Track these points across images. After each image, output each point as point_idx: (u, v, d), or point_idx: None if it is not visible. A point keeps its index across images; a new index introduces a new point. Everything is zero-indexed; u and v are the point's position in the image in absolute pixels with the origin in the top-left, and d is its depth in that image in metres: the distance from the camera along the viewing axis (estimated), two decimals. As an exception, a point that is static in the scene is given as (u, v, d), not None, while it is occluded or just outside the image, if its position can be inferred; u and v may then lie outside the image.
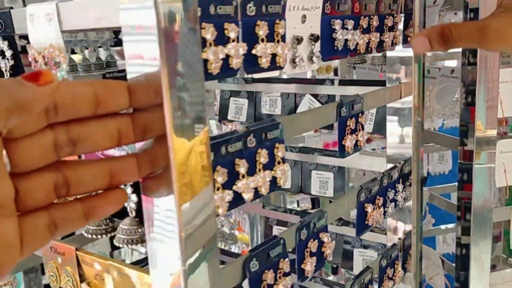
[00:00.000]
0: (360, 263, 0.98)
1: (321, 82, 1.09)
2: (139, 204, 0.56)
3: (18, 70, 0.57)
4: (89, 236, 0.63)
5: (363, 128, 0.67)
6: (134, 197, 0.54)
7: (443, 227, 1.26)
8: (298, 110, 1.07)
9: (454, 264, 1.02)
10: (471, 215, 0.88)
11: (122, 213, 0.53)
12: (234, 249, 1.30)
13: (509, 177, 0.90)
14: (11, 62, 0.57)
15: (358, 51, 0.64)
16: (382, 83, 0.85)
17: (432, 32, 0.60)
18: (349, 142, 0.64)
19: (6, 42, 0.56)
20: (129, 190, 0.54)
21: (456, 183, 0.95)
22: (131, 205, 0.56)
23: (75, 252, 0.57)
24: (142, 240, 0.56)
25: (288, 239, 0.55)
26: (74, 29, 0.54)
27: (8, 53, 0.56)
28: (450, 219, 1.18)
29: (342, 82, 1.07)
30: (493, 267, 1.25)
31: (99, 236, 0.62)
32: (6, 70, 0.58)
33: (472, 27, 0.58)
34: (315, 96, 1.03)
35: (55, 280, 0.61)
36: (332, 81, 1.01)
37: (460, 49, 0.92)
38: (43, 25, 0.53)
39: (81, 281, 0.57)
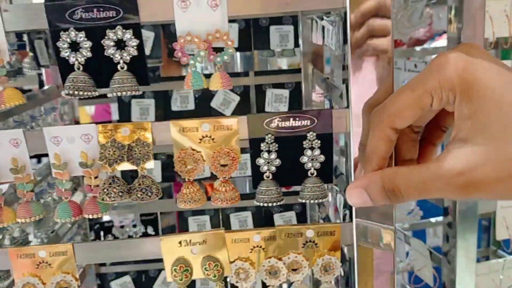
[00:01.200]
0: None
1: (237, 74, 1.22)
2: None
3: (141, 61, 0.56)
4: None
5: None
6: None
7: (433, 220, 1.38)
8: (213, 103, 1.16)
9: (441, 256, 1.07)
10: (457, 207, 0.91)
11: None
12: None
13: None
14: (134, 53, 0.55)
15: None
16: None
17: (370, 184, 0.45)
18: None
19: (129, 31, 0.54)
20: (317, 152, 0.57)
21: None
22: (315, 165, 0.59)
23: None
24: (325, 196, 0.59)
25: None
26: (235, 16, 0.55)
27: (132, 43, 0.54)
28: (438, 212, 1.29)
29: (258, 73, 1.20)
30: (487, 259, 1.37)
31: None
32: (122, 62, 0.55)
33: (429, 176, 0.41)
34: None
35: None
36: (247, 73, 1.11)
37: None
38: (203, 11, 0.53)
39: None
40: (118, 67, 0.55)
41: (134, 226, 1.30)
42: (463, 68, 0.40)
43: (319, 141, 0.57)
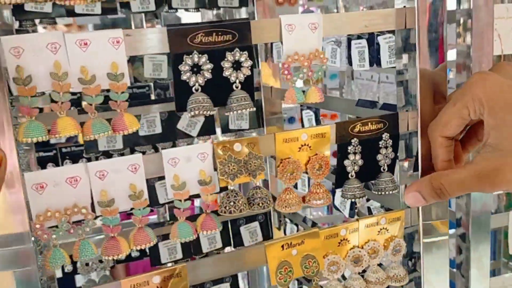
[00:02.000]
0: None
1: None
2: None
3: (251, 81, 0.61)
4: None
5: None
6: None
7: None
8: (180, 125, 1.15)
9: (455, 269, 1.01)
10: (470, 219, 0.89)
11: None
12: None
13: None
14: (248, 73, 0.60)
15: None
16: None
17: (422, 186, 0.58)
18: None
19: (245, 53, 0.59)
20: (389, 150, 0.66)
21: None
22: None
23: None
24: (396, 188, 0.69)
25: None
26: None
27: (247, 63, 0.59)
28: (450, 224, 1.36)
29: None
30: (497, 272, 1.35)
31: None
32: (237, 82, 0.60)
33: (465, 175, 0.55)
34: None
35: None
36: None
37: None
38: (305, 33, 0.61)
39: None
40: (233, 86, 0.59)
41: (100, 261, 1.22)
42: (490, 86, 0.55)
43: (391, 141, 0.68)
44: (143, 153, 1.12)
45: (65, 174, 0.53)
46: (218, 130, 1.29)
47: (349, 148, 0.67)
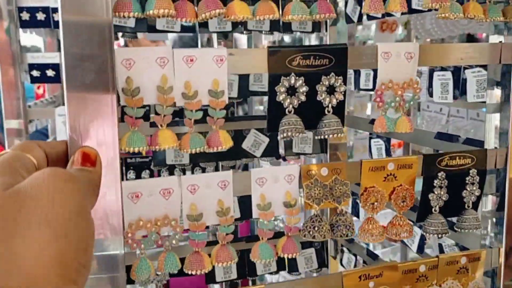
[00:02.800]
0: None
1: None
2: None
3: (343, 106, 0.60)
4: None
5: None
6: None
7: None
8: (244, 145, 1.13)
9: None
10: None
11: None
12: None
13: None
14: (340, 98, 0.59)
15: None
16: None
17: None
18: None
19: (340, 78, 0.59)
20: (476, 186, 0.64)
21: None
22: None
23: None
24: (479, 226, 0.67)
25: None
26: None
27: (341, 88, 0.59)
28: None
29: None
30: None
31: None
32: (330, 106, 0.59)
33: None
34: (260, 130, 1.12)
35: None
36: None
37: None
38: (401, 62, 0.60)
39: None
40: (326, 110, 0.59)
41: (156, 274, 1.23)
42: None
43: (478, 177, 0.66)
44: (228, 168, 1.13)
45: (160, 185, 0.54)
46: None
47: (435, 181, 0.65)
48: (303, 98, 0.58)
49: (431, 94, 0.85)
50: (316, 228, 0.58)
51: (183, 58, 0.52)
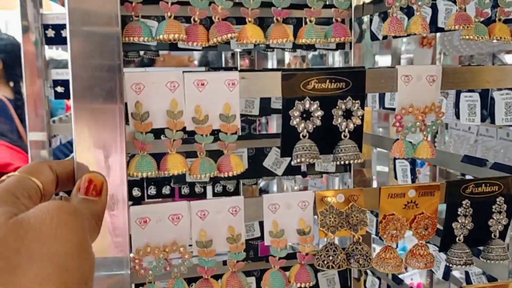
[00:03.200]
0: None
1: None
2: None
3: (361, 130, 0.58)
4: None
5: None
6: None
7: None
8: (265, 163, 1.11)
9: None
10: None
11: None
12: None
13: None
14: (357, 123, 0.57)
15: None
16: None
17: None
18: None
19: (357, 102, 0.57)
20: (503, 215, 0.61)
21: None
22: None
23: None
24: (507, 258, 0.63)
25: None
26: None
27: (358, 113, 0.57)
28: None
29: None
30: None
31: None
32: (347, 131, 0.57)
33: None
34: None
35: None
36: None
37: None
38: (422, 86, 0.57)
39: None
40: (342, 135, 0.57)
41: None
42: None
43: (505, 205, 0.63)
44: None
45: (169, 210, 0.53)
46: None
47: (460, 210, 0.61)
48: (318, 122, 0.56)
49: (457, 115, 0.81)
50: (331, 258, 0.56)
51: (194, 82, 0.52)
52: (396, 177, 1.05)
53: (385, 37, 1.02)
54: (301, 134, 0.56)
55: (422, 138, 0.60)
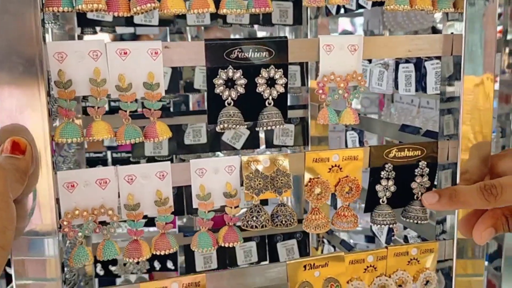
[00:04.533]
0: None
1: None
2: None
3: (285, 98, 0.61)
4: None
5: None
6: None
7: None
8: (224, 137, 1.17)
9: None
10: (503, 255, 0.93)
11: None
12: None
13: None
14: (281, 91, 0.60)
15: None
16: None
17: (443, 191, 0.62)
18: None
19: (280, 70, 0.59)
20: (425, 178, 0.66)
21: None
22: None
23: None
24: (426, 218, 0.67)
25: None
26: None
27: (281, 81, 0.59)
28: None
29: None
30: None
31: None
32: (270, 98, 0.60)
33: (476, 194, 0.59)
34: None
35: None
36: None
37: None
38: (343, 55, 0.60)
39: None
40: (266, 103, 0.59)
41: (137, 263, 1.26)
42: None
43: (428, 169, 0.66)
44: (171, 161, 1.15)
45: (96, 175, 0.55)
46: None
47: (382, 173, 0.65)
48: (242, 90, 0.58)
49: (397, 86, 0.84)
50: (254, 218, 0.59)
51: (117, 51, 0.54)
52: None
53: (337, 13, 1.04)
54: (226, 102, 0.58)
55: (346, 105, 0.63)
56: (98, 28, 1.12)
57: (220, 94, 0.58)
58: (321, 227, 0.63)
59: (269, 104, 0.59)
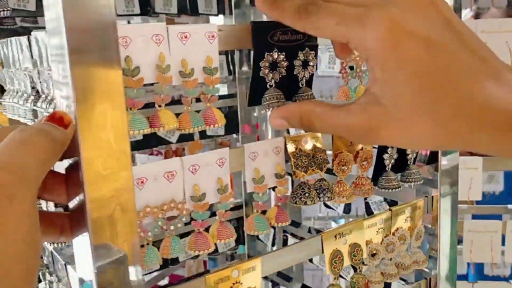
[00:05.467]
0: None
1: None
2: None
3: (312, 79, 0.64)
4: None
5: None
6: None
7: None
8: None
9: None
10: None
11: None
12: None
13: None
14: (312, 72, 0.63)
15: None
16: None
17: (290, 116, 0.50)
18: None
19: (313, 52, 0.63)
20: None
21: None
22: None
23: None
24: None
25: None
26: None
27: (311, 63, 0.63)
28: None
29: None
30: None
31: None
32: (304, 80, 0.63)
33: (339, 123, 0.46)
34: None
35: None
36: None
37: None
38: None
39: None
40: (300, 84, 0.62)
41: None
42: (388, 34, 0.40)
43: (417, 136, 0.76)
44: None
45: (163, 168, 0.52)
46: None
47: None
48: (284, 72, 0.60)
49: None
50: (306, 195, 0.62)
51: (178, 34, 0.51)
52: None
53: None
54: (268, 84, 0.59)
55: (358, 82, 0.69)
56: (18, 19, 1.00)
57: (265, 76, 0.59)
58: (348, 197, 0.68)
59: (302, 85, 0.62)
